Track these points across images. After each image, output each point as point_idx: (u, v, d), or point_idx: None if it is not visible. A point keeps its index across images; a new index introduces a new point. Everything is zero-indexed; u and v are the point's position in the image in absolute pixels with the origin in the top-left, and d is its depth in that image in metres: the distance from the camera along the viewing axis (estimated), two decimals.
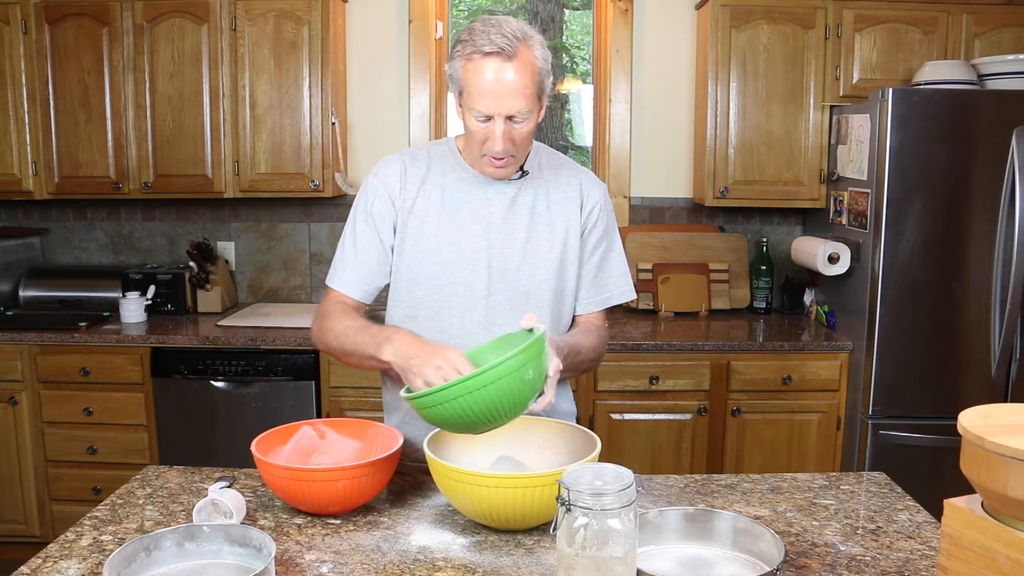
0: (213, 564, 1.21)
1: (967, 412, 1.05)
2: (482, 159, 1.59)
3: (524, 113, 1.52)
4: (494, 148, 1.54)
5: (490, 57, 1.48)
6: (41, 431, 3.15)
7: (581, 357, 1.63)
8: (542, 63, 1.53)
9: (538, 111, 1.56)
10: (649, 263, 3.51)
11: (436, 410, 1.34)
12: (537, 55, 1.52)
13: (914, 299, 2.87)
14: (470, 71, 1.50)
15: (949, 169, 2.82)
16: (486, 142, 1.54)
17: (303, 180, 3.32)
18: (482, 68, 1.49)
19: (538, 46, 1.52)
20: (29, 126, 3.32)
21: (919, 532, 1.42)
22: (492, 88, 1.48)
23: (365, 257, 1.67)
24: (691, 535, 1.30)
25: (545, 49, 1.54)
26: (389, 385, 1.78)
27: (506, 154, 1.56)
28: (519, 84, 1.49)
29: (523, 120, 1.53)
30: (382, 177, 1.68)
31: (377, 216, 1.67)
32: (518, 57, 1.48)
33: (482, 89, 1.49)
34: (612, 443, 3.05)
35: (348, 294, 1.68)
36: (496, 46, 1.47)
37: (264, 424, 1.65)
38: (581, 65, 6.36)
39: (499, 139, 1.52)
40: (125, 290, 3.37)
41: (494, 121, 1.52)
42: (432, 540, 1.37)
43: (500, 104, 1.49)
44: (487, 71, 1.48)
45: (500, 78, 1.48)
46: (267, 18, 3.23)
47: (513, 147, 1.55)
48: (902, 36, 3.20)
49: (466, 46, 1.50)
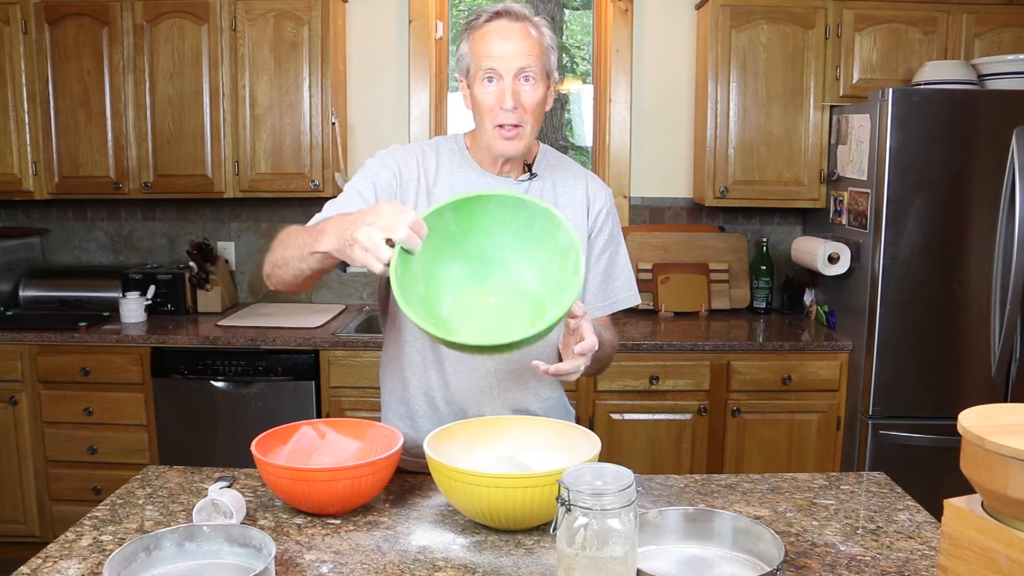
0: (213, 564, 1.21)
1: (967, 412, 1.05)
2: (493, 133, 1.57)
3: (534, 69, 1.54)
4: (504, 104, 1.52)
5: (497, 18, 1.54)
6: (41, 431, 3.15)
7: (603, 350, 1.59)
8: (548, 39, 1.57)
9: (546, 86, 1.58)
10: (649, 263, 3.51)
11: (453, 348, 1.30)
12: (544, 31, 1.57)
13: (914, 299, 2.88)
14: (477, 38, 1.55)
15: (949, 169, 2.82)
16: (495, 108, 1.54)
17: (303, 180, 3.32)
18: (490, 30, 1.54)
19: (544, 25, 1.58)
20: (29, 126, 3.32)
21: (919, 532, 1.42)
22: (501, 44, 1.53)
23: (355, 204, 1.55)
24: (691, 535, 1.30)
25: (550, 31, 1.58)
26: (389, 384, 1.78)
27: (518, 119, 1.54)
28: (527, 42, 1.53)
29: (533, 81, 1.54)
30: (397, 158, 1.64)
31: (380, 187, 1.60)
32: (525, 21, 1.55)
33: (490, 47, 1.53)
34: (612, 443, 3.05)
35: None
36: (503, 8, 1.55)
37: (264, 424, 1.65)
38: (581, 65, 6.35)
39: (508, 96, 1.52)
40: (125, 290, 3.37)
41: (503, 79, 1.53)
42: (432, 540, 1.37)
43: (509, 59, 1.52)
44: (495, 32, 1.54)
45: (507, 35, 1.53)
46: (267, 18, 3.23)
47: (523, 112, 1.54)
48: (902, 36, 3.20)
49: (473, 22, 1.57)
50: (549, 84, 1.58)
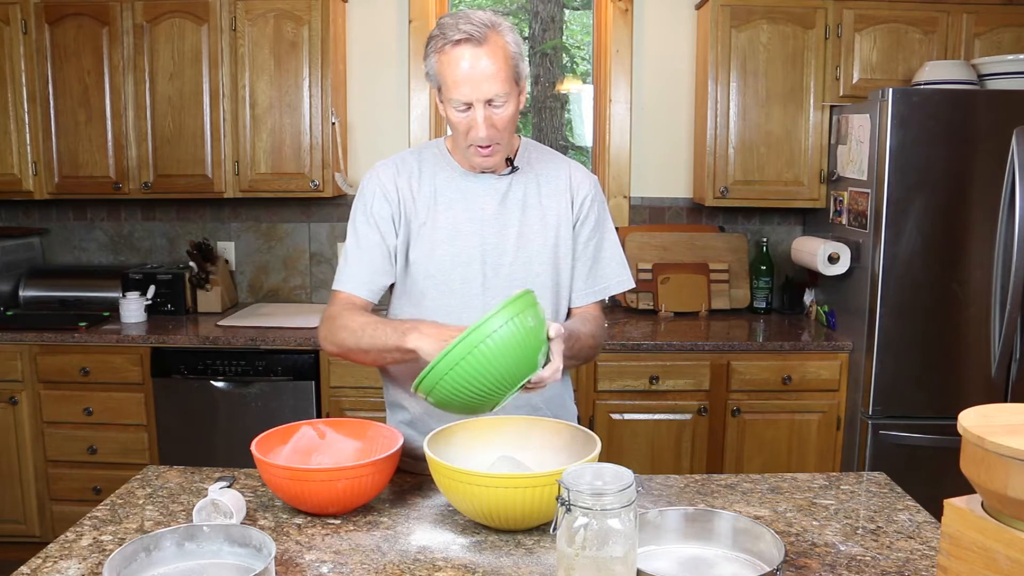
0: (213, 564, 1.21)
1: (967, 412, 1.05)
2: (468, 150, 1.61)
3: (502, 96, 1.53)
4: (478, 135, 1.55)
5: (460, 45, 1.50)
6: (41, 431, 3.15)
7: (580, 343, 1.62)
8: (514, 47, 1.55)
9: (517, 95, 1.58)
10: (649, 263, 3.51)
11: (449, 379, 1.33)
12: (508, 39, 1.54)
13: (914, 299, 2.88)
14: (444, 63, 1.53)
15: (949, 169, 2.82)
16: (469, 131, 1.56)
17: (303, 180, 3.32)
18: (455, 57, 1.51)
19: (507, 31, 1.55)
20: (29, 126, 3.32)
21: (919, 532, 1.42)
22: (467, 75, 1.51)
23: (369, 256, 1.68)
24: (691, 535, 1.30)
25: (515, 34, 1.56)
26: (390, 384, 1.78)
27: (491, 141, 1.57)
28: (493, 68, 1.51)
29: (502, 104, 1.55)
30: (377, 179, 1.69)
31: (378, 216, 1.67)
32: (488, 42, 1.51)
33: (458, 78, 1.51)
34: (612, 443, 3.05)
35: (355, 293, 1.67)
36: (465, 33, 1.50)
37: (264, 424, 1.65)
38: (581, 65, 6.35)
39: (481, 125, 1.54)
40: (125, 290, 3.37)
41: (474, 108, 1.53)
42: (432, 540, 1.37)
43: (477, 89, 1.51)
44: (460, 59, 1.51)
45: (474, 64, 1.50)
46: (267, 18, 3.23)
47: (497, 133, 1.57)
48: (902, 36, 3.20)
49: (437, 40, 1.53)
50: (520, 90, 1.59)
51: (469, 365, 1.32)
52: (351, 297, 1.67)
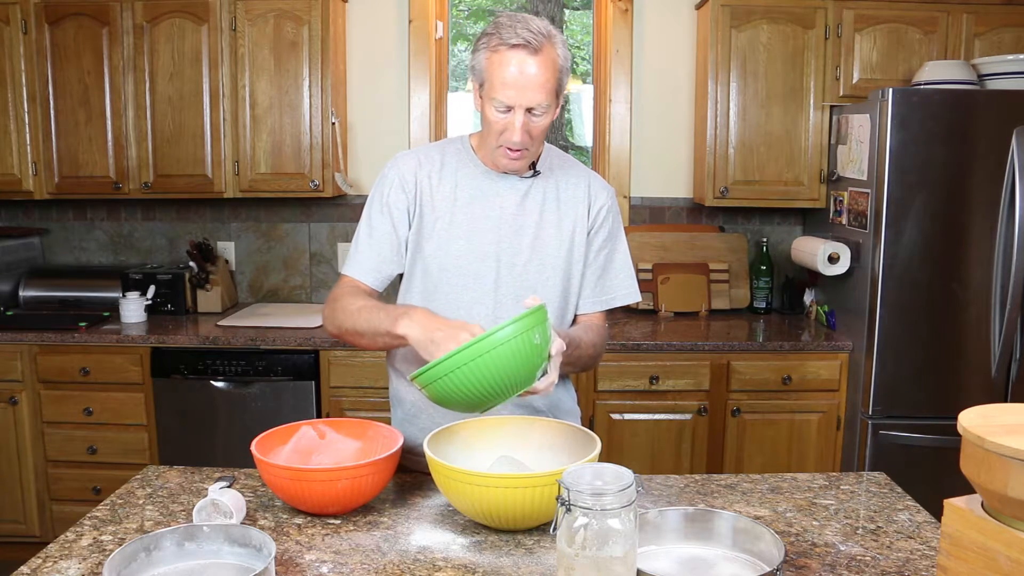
0: (213, 564, 1.21)
1: (967, 412, 1.05)
2: (497, 151, 1.62)
3: (543, 106, 1.56)
4: (512, 139, 1.57)
5: (516, 49, 1.52)
6: (41, 431, 3.15)
7: (580, 351, 1.64)
8: (563, 61, 1.58)
9: (555, 107, 1.60)
10: (649, 263, 3.51)
11: (449, 379, 1.35)
12: (559, 53, 1.57)
13: (914, 299, 2.88)
14: (495, 62, 1.54)
15: (949, 169, 2.82)
16: (504, 133, 1.58)
17: (303, 180, 3.32)
18: (507, 59, 1.53)
19: (560, 45, 1.57)
20: (29, 126, 3.32)
21: (919, 532, 1.42)
22: (516, 79, 1.53)
23: (379, 245, 1.70)
24: (691, 535, 1.30)
25: (566, 49, 1.59)
26: (394, 378, 1.79)
27: (522, 146, 1.59)
28: (541, 78, 1.53)
29: (542, 114, 1.57)
30: (398, 169, 1.71)
31: (392, 206, 1.69)
32: (543, 52, 1.53)
33: (506, 80, 1.53)
34: (612, 443, 3.05)
35: (362, 280, 1.70)
36: (522, 39, 1.52)
37: (264, 424, 1.65)
38: (581, 65, 6.35)
39: (518, 130, 1.56)
40: (125, 290, 3.37)
41: (514, 112, 1.55)
42: (432, 540, 1.37)
43: (522, 95, 1.53)
44: (511, 63, 1.53)
45: (524, 71, 1.52)
46: (267, 18, 3.23)
47: (529, 140, 1.59)
48: (902, 36, 3.20)
49: (492, 38, 1.55)
50: (558, 103, 1.62)
51: (469, 371, 1.34)
52: (356, 282, 1.70)
